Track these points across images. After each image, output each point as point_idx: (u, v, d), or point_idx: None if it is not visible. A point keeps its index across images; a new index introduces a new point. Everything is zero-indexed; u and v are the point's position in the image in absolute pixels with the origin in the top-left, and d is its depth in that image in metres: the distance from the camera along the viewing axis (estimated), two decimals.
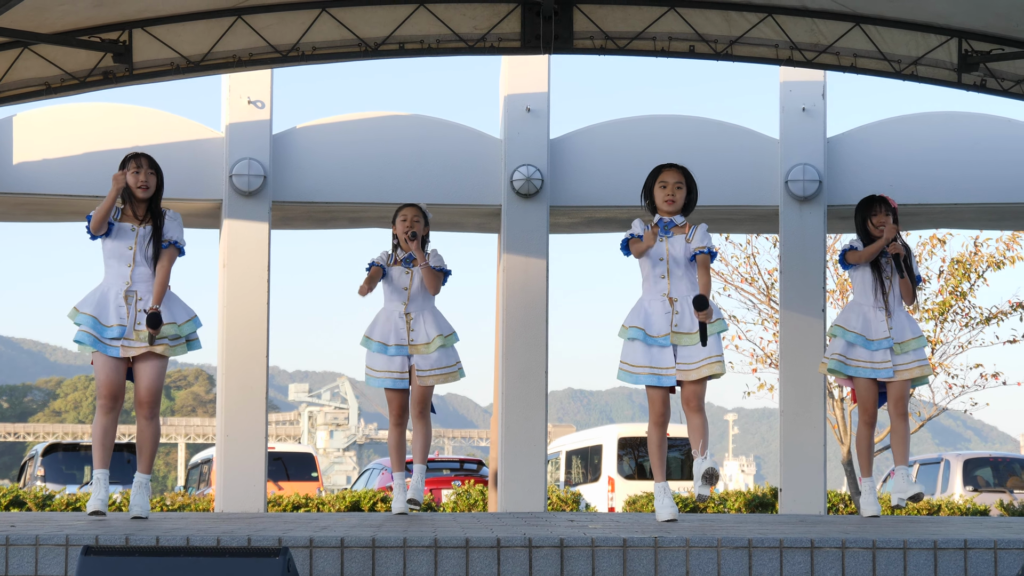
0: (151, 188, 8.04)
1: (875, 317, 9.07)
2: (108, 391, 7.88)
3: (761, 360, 19.30)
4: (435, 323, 8.94)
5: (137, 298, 7.89)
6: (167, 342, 7.90)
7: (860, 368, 9.08)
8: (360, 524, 7.17)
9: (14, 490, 16.85)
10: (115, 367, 7.88)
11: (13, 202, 14.17)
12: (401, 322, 8.90)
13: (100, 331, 7.85)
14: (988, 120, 14.46)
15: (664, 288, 7.86)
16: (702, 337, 7.80)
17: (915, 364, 9.13)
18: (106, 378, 7.87)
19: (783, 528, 6.92)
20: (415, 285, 8.95)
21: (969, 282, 18.61)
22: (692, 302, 7.79)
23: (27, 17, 11.21)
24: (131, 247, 7.94)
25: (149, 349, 7.86)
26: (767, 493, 17.92)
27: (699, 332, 7.80)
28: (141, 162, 8.05)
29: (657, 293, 7.87)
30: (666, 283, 7.86)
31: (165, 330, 7.88)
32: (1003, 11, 11.51)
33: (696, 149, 14.00)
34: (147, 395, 7.89)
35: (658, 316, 7.82)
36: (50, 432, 77.05)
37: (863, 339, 9.06)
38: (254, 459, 13.80)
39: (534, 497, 13.93)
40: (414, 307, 8.93)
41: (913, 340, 9.12)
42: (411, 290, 8.94)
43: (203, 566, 5.21)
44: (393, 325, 8.92)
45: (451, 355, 9.00)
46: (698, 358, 7.80)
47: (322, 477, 27.81)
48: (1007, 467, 21.56)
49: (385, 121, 14.47)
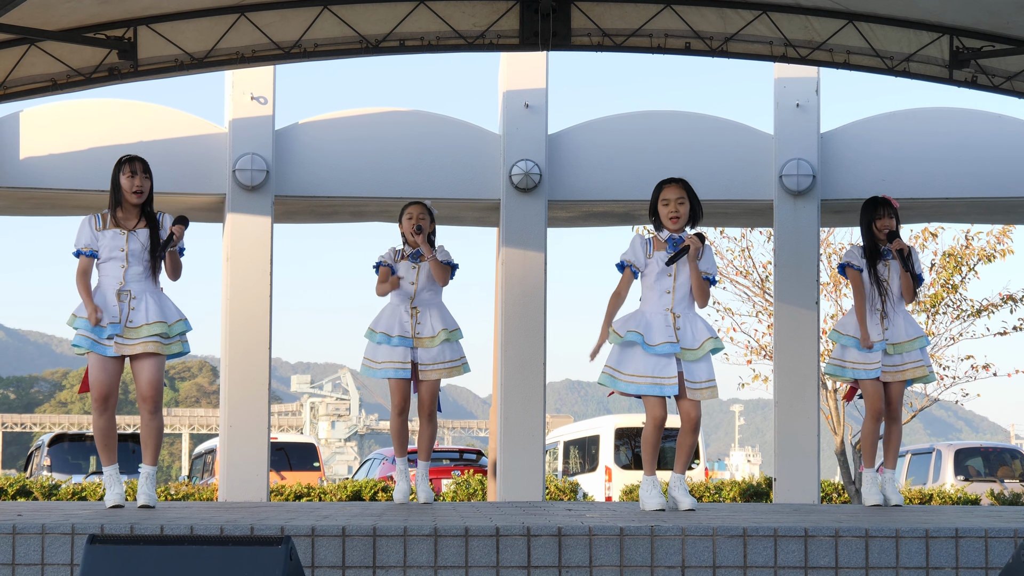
0: (144, 193, 8.01)
1: (870, 320, 9.20)
2: (100, 392, 7.91)
3: (756, 352, 19.39)
4: (441, 318, 9.03)
5: (131, 297, 7.91)
6: (156, 339, 7.93)
7: (855, 370, 9.22)
8: (361, 513, 7.21)
9: (21, 480, 16.94)
10: (106, 367, 7.91)
11: (20, 196, 14.25)
12: (407, 316, 8.99)
13: (97, 333, 7.88)
14: (979, 116, 14.54)
15: (668, 303, 7.83)
16: (676, 255, 7.71)
17: (910, 366, 9.19)
18: (96, 379, 7.91)
19: (777, 517, 6.93)
20: (421, 280, 9.05)
21: (960, 275, 18.68)
22: (677, 252, 7.72)
23: (33, 14, 11.27)
24: (123, 248, 7.93)
25: (144, 349, 7.93)
26: (761, 482, 18.05)
27: (676, 252, 7.72)
28: (136, 167, 8.01)
29: (660, 307, 7.83)
30: (670, 298, 7.83)
31: (154, 328, 7.91)
32: (994, 8, 11.56)
33: (692, 144, 14.12)
34: (148, 390, 7.93)
35: (659, 327, 7.77)
36: (56, 423, 76.78)
37: (856, 341, 9.20)
38: (257, 449, 13.90)
39: (532, 487, 14.02)
40: (420, 302, 9.03)
41: (908, 342, 9.17)
42: (417, 285, 9.04)
43: (207, 555, 5.21)
44: (398, 319, 9.01)
45: (456, 349, 9.08)
46: (702, 378, 7.78)
47: (324, 467, 27.83)
48: (997, 457, 21.70)
49: (386, 117, 14.55)
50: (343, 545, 5.79)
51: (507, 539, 5.81)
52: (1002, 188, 14.27)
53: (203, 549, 5.25)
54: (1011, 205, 14.74)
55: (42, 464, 23.07)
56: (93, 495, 16.31)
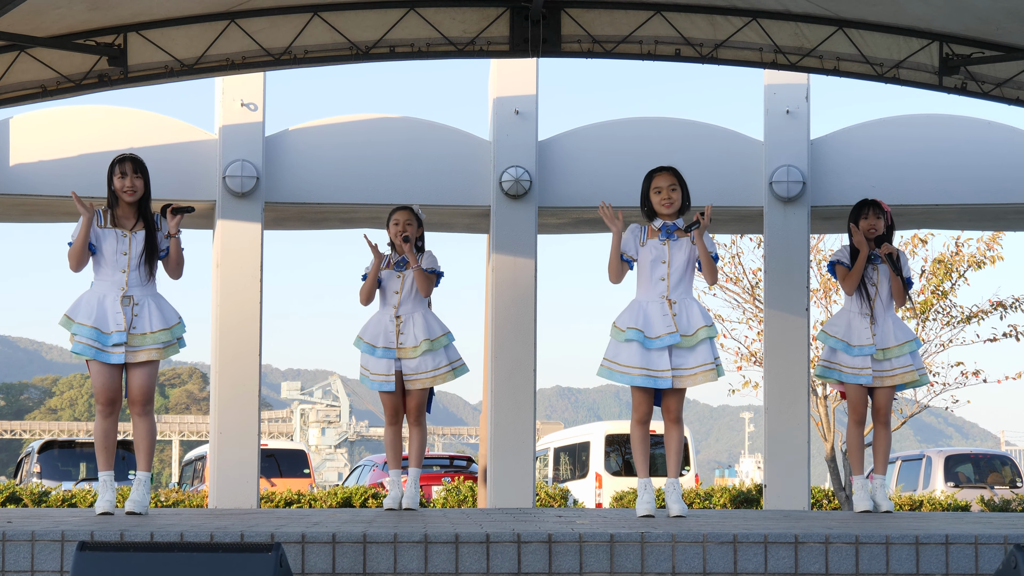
0: (138, 191, 8.02)
1: (859, 323, 9.19)
2: (106, 397, 7.93)
3: (746, 358, 19.41)
4: (425, 327, 9.03)
5: (134, 303, 7.93)
6: (161, 346, 7.96)
7: (843, 373, 9.23)
8: (351, 520, 7.23)
9: (10, 487, 16.91)
10: (112, 373, 7.93)
11: (10, 203, 14.24)
12: (391, 325, 9.01)
13: (102, 340, 7.88)
14: (969, 122, 14.55)
15: (663, 290, 7.89)
16: (688, 227, 7.91)
17: (898, 371, 9.21)
18: (103, 384, 7.92)
19: (768, 523, 6.96)
20: (406, 288, 9.06)
21: (950, 281, 18.72)
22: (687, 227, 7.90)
23: (23, 21, 11.26)
24: (125, 253, 7.94)
25: (148, 357, 7.92)
26: (752, 489, 18.07)
27: (689, 225, 7.93)
28: (127, 167, 8.02)
29: (656, 295, 7.89)
30: (665, 285, 7.89)
31: (159, 336, 7.96)
32: (983, 15, 11.59)
33: (682, 151, 14.11)
34: (140, 394, 7.95)
35: (657, 318, 7.83)
36: (46, 429, 76.72)
37: (844, 344, 9.20)
38: (247, 456, 13.90)
39: (523, 493, 14.03)
40: (404, 310, 9.04)
41: (897, 347, 9.19)
42: (401, 294, 9.05)
43: (197, 561, 5.24)
44: (383, 328, 9.03)
45: (439, 357, 9.07)
46: (692, 364, 7.83)
47: (314, 474, 27.84)
48: (987, 463, 21.75)
49: (376, 123, 14.54)
50: (333, 552, 5.81)
51: (497, 546, 5.84)
52: (992, 194, 14.30)
53: (193, 556, 5.28)
54: (1001, 211, 14.76)
55: (32, 471, 23.06)
56: (83, 502, 16.29)
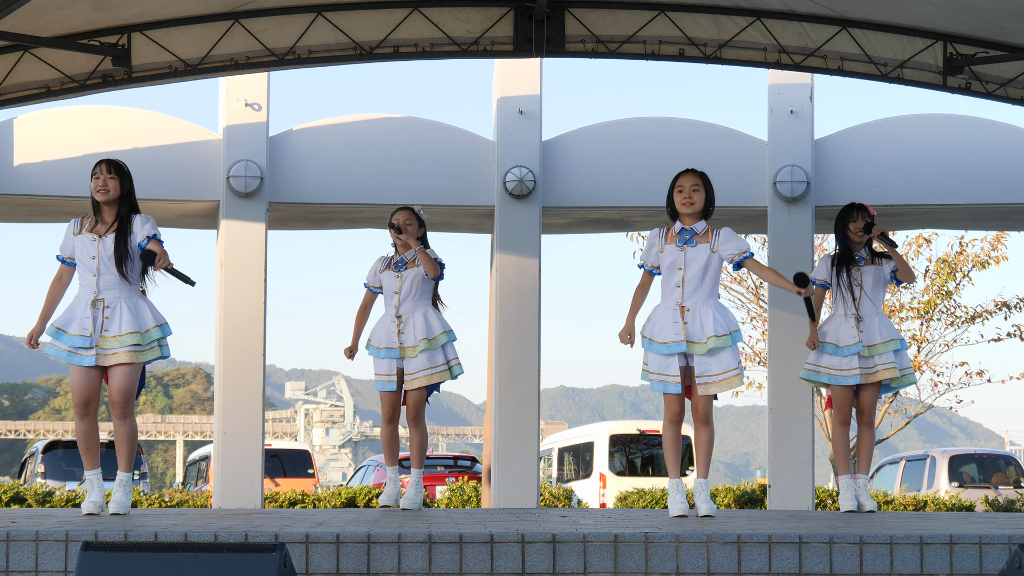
0: (111, 191, 8.03)
1: (845, 324, 9.26)
2: (80, 398, 7.96)
3: (750, 359, 19.43)
4: (424, 326, 9.10)
5: (104, 305, 7.93)
6: (132, 349, 7.91)
7: (831, 375, 9.28)
8: (355, 520, 7.24)
9: (15, 487, 16.90)
10: (85, 374, 7.95)
11: (14, 203, 14.26)
12: (392, 325, 9.13)
13: (65, 342, 7.91)
14: (973, 122, 14.55)
15: (677, 297, 7.89)
16: (809, 312, 8.16)
17: (881, 367, 9.25)
18: (75, 385, 7.96)
19: (772, 523, 6.97)
20: (405, 288, 9.14)
21: (954, 281, 18.72)
22: (793, 279, 8.04)
23: (27, 21, 11.29)
24: (94, 256, 7.98)
25: (117, 360, 7.88)
26: (756, 489, 18.05)
27: (806, 308, 8.23)
28: (101, 168, 8.06)
29: (671, 302, 7.91)
30: (680, 292, 7.89)
31: (127, 339, 7.92)
32: (987, 15, 11.59)
33: (686, 151, 14.10)
34: (118, 396, 7.96)
35: (666, 325, 7.85)
36: (50, 430, 76.65)
37: (833, 347, 9.26)
38: (251, 456, 13.91)
39: (527, 493, 14.04)
40: (405, 309, 9.11)
41: (883, 344, 9.22)
42: (401, 293, 9.14)
43: (201, 561, 5.25)
44: (386, 329, 9.16)
45: (437, 356, 9.14)
46: (715, 371, 7.83)
47: (318, 474, 27.82)
48: (992, 463, 21.70)
49: (380, 123, 14.55)
50: (337, 552, 5.81)
51: (501, 546, 5.84)
52: (996, 194, 14.29)
53: (197, 556, 5.28)
54: (1005, 211, 14.75)
55: (36, 471, 23.06)
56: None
